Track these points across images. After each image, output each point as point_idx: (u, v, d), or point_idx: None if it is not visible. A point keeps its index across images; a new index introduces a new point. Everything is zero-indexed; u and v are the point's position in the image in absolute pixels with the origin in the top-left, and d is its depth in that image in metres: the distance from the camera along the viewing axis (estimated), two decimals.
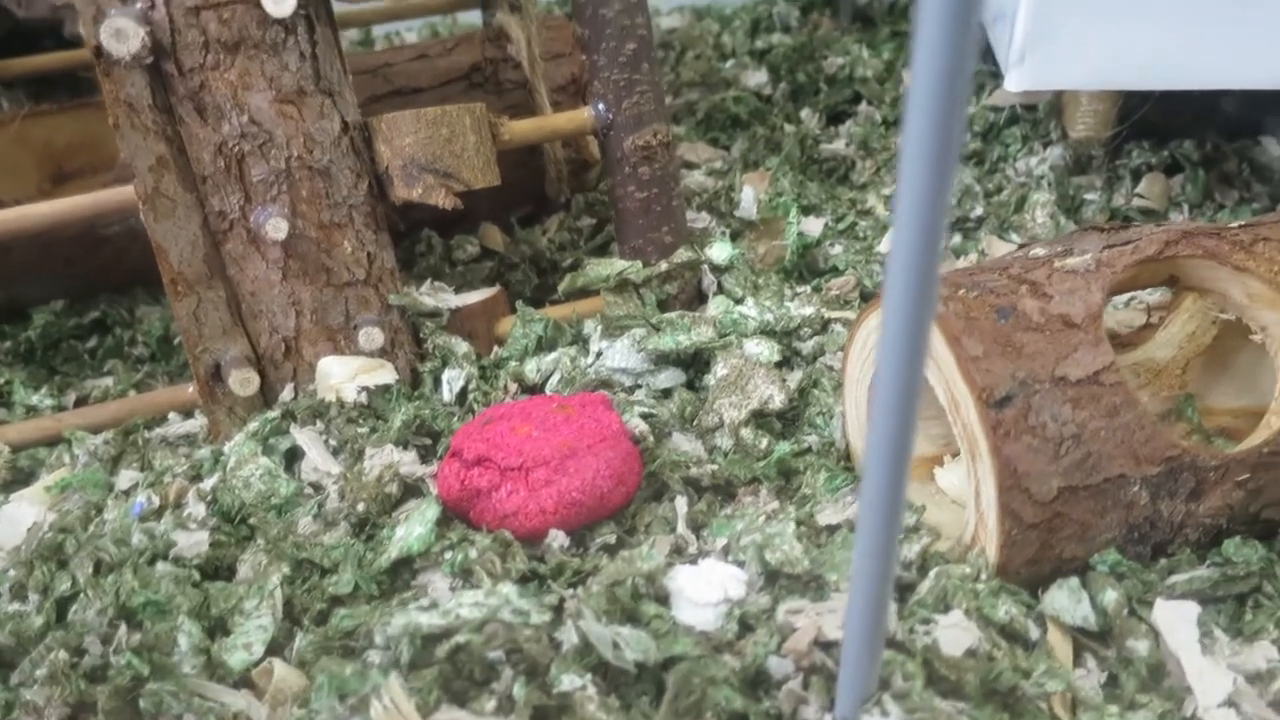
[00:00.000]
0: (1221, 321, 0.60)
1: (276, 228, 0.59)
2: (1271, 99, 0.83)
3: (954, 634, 0.41)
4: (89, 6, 0.56)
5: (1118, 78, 0.66)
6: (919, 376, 0.30)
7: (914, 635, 0.41)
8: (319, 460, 0.58)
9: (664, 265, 0.68)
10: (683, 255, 0.68)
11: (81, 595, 0.44)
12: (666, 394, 0.63)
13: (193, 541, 0.49)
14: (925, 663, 0.39)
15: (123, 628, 0.42)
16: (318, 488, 0.57)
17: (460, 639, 0.40)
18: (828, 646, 0.41)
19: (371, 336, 0.63)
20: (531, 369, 0.64)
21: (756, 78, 0.98)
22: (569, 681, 0.39)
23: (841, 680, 0.37)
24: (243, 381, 0.61)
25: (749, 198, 0.76)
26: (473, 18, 1.16)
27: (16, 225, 0.60)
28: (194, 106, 0.58)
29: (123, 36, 0.55)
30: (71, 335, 0.73)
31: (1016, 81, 0.67)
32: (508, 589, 0.42)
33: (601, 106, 0.67)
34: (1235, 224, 0.52)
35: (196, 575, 0.46)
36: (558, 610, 0.43)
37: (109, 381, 0.69)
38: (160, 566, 0.46)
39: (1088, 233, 0.53)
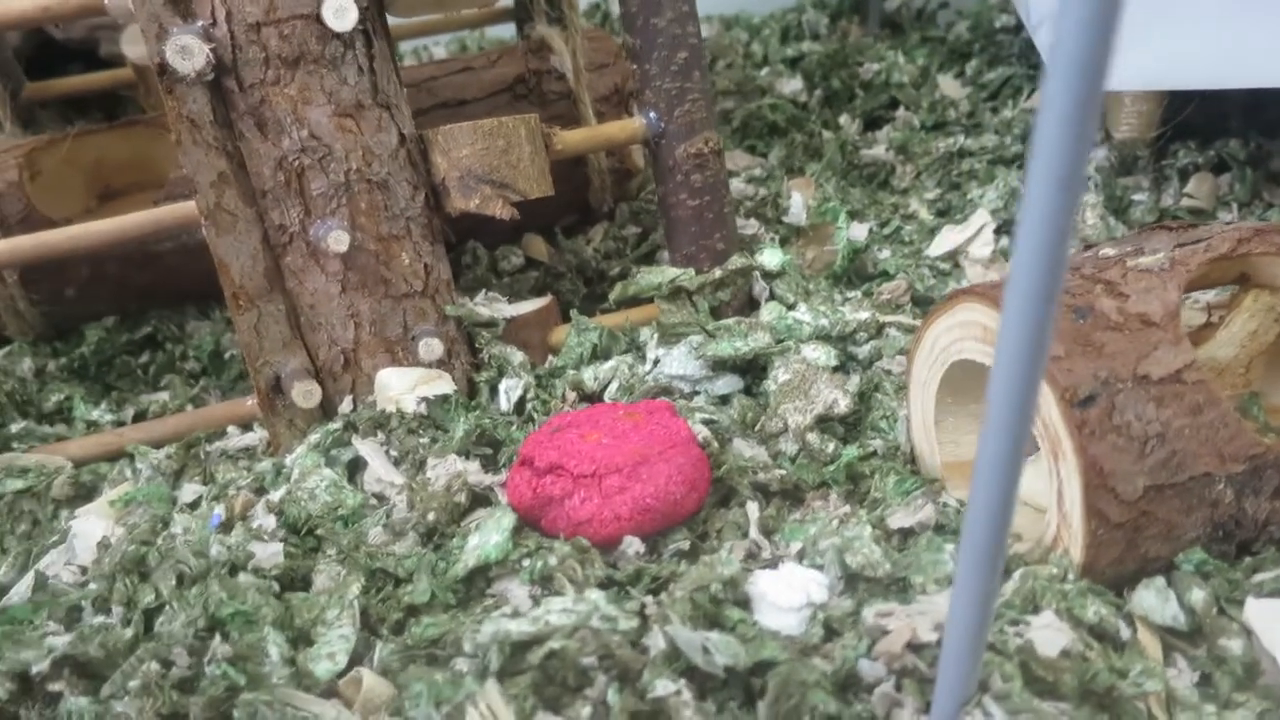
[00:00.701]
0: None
1: (338, 240, 0.59)
2: None
3: (1047, 635, 0.41)
4: (152, 24, 0.56)
5: (1165, 78, 0.66)
6: (1036, 385, 0.30)
7: (1006, 637, 0.41)
8: (382, 471, 0.58)
9: (718, 272, 0.68)
10: (737, 262, 0.68)
11: (167, 607, 0.44)
12: (725, 400, 0.63)
13: (269, 553, 0.49)
14: (1022, 664, 0.39)
15: (216, 638, 0.41)
16: (381, 498, 0.57)
17: (553, 645, 0.39)
18: (919, 649, 0.41)
19: (431, 347, 0.63)
20: (589, 377, 0.64)
21: (791, 85, 0.98)
22: (663, 687, 0.39)
23: (940, 682, 0.37)
24: (305, 394, 0.61)
25: (798, 204, 0.76)
26: (500, 31, 1.17)
27: (80, 242, 0.60)
28: (254, 122, 0.59)
29: (188, 53, 0.55)
30: (124, 351, 0.73)
31: None
32: (595, 595, 0.42)
33: (653, 115, 0.67)
34: None
35: (276, 586, 0.46)
36: (643, 619, 0.43)
37: (165, 396, 0.69)
38: (242, 578, 0.46)
39: (1156, 231, 0.53)
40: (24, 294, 0.70)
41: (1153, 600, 0.44)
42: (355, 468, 0.59)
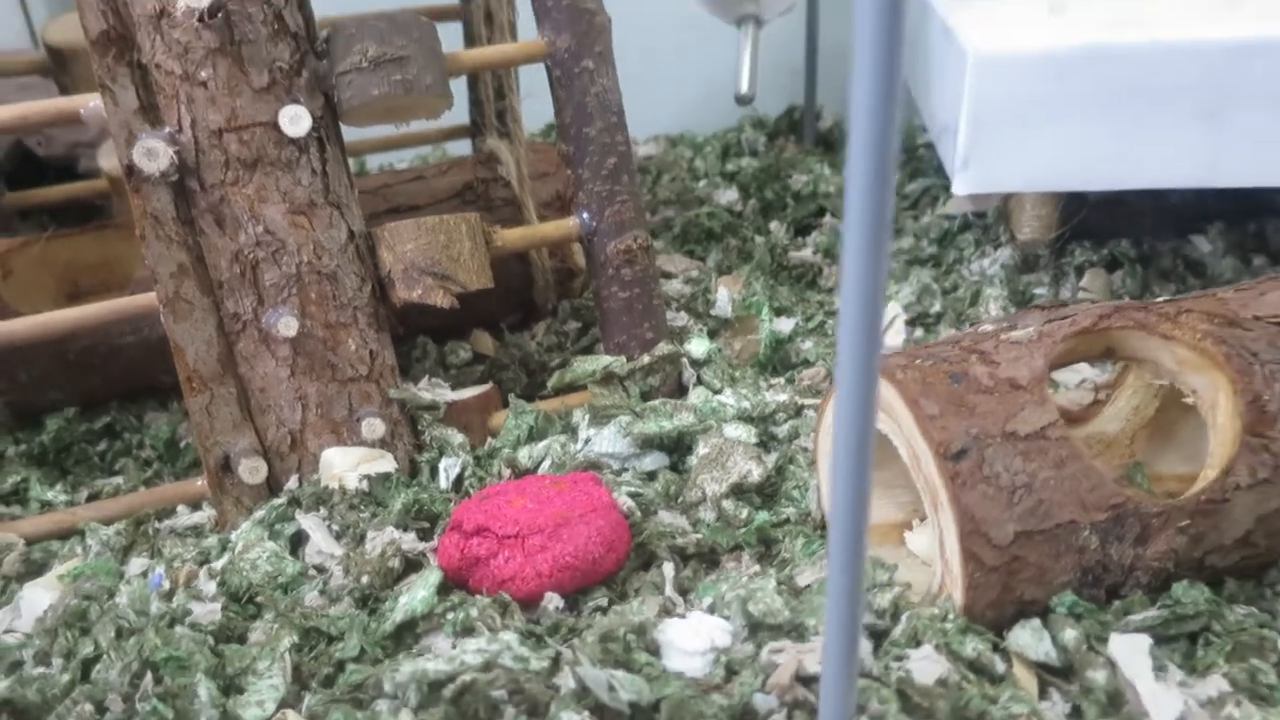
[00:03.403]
0: (1164, 394, 0.65)
1: (287, 325, 0.64)
2: (1197, 200, 0.91)
3: (925, 665, 0.44)
4: (122, 130, 0.62)
5: (1051, 180, 0.73)
6: (872, 417, 0.34)
7: (889, 670, 0.44)
8: (323, 543, 0.61)
9: (646, 358, 0.73)
10: (663, 349, 0.73)
11: (105, 657, 0.46)
12: (651, 476, 0.66)
13: (207, 610, 0.51)
14: (899, 692, 0.42)
15: (148, 678, 0.44)
16: (321, 569, 0.60)
17: (465, 678, 0.42)
18: (808, 682, 0.44)
19: (373, 426, 0.66)
20: (524, 455, 0.68)
21: (728, 195, 1.05)
22: (568, 718, 0.42)
23: (822, 707, 0.40)
24: (251, 470, 0.64)
25: (724, 298, 0.81)
26: (461, 147, 1.24)
27: (43, 330, 0.64)
28: (214, 218, 0.64)
29: (153, 155, 0.61)
30: (83, 440, 0.76)
31: (961, 186, 0.74)
32: (509, 636, 0.45)
33: (586, 215, 0.73)
34: (1160, 299, 0.58)
35: (212, 640, 0.49)
36: (555, 661, 0.46)
37: (119, 480, 0.72)
38: (179, 629, 0.48)
39: (1030, 311, 0.59)
40: None
41: (1028, 638, 0.48)
42: (298, 541, 0.62)
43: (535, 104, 0.85)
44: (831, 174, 1.06)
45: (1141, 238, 0.87)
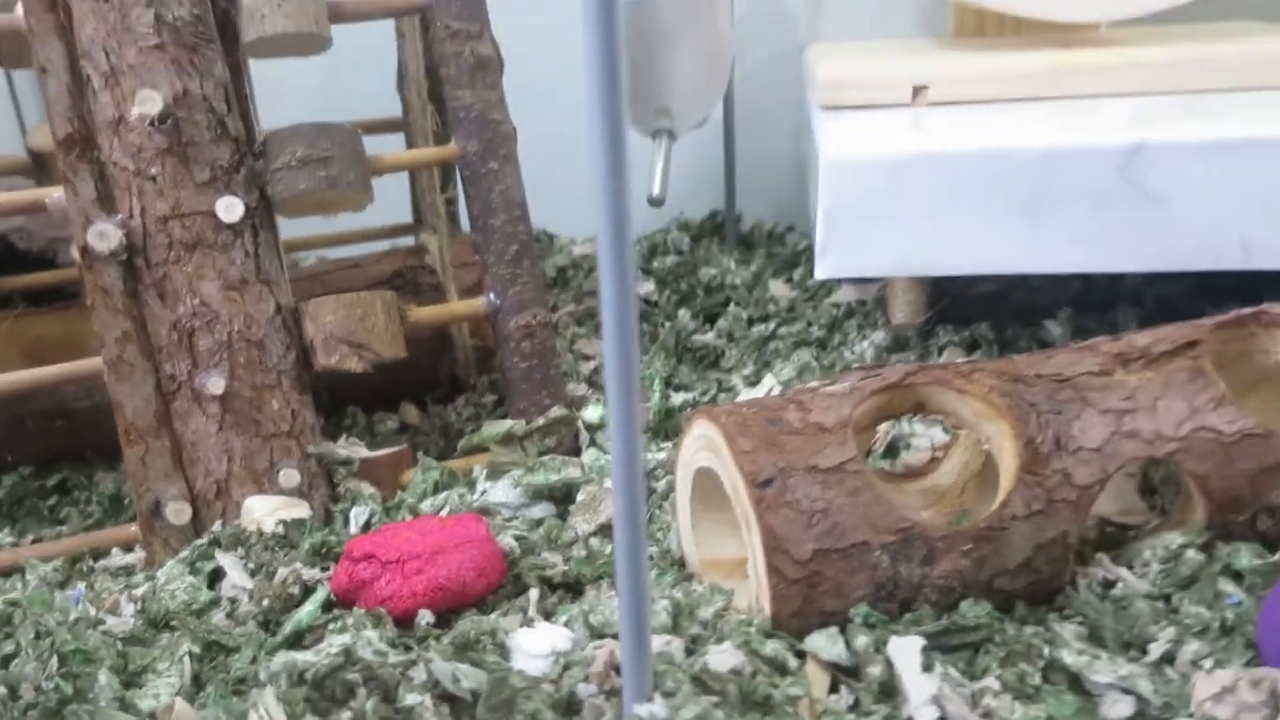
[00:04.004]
0: (988, 451, 0.74)
1: (215, 384, 0.73)
2: (1055, 289, 1.02)
3: (722, 657, 0.51)
4: (80, 216, 0.72)
5: (896, 266, 0.84)
6: (636, 432, 0.43)
7: (692, 662, 0.52)
8: (237, 578, 0.69)
9: (541, 420, 0.81)
10: (556, 412, 0.82)
11: (23, 653, 0.53)
12: (539, 523, 0.74)
13: (120, 622, 0.59)
14: (694, 677, 0.50)
15: (54, 661, 0.51)
16: (234, 601, 0.67)
17: (325, 663, 0.50)
18: (619, 671, 0.51)
19: (290, 476, 0.75)
20: (426, 505, 0.76)
21: (646, 287, 1.16)
22: (413, 699, 0.49)
23: (625, 686, 0.48)
24: (177, 512, 0.72)
25: None
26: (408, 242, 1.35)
27: (8, 386, 0.73)
28: (157, 292, 0.74)
29: (105, 237, 0.71)
30: (35, 495, 0.84)
31: (821, 271, 0.84)
32: (370, 633, 0.53)
33: (492, 295, 0.83)
34: (959, 361, 0.67)
35: (119, 644, 0.56)
36: (412, 660, 0.54)
37: (64, 529, 0.80)
38: (90, 632, 0.56)
39: (853, 372, 0.68)
40: None
41: (822, 641, 0.55)
42: (216, 577, 0.70)
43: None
44: (738, 268, 1.17)
45: (1003, 322, 0.97)
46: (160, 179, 0.73)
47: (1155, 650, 0.58)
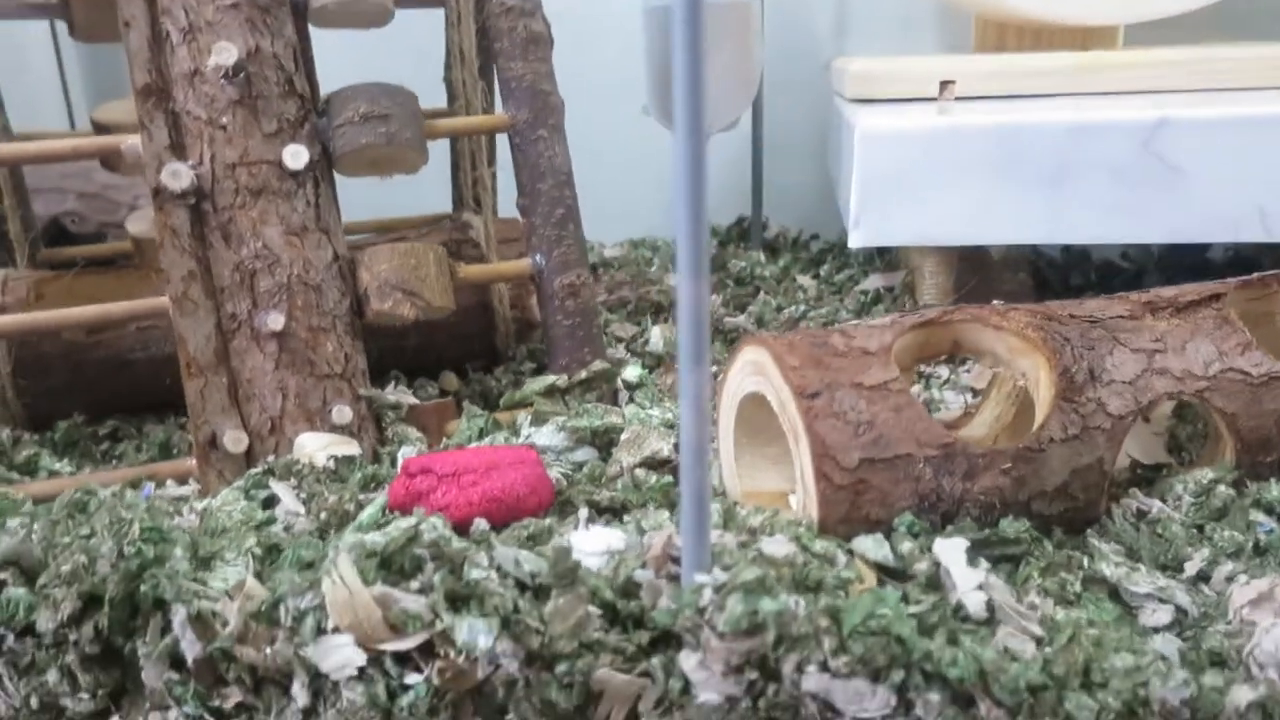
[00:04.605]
0: (1018, 404, 0.76)
1: (275, 320, 0.76)
2: (1079, 266, 1.05)
3: (776, 546, 0.53)
4: (154, 160, 0.76)
5: (926, 236, 0.87)
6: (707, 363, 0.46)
7: (745, 550, 0.54)
8: (291, 505, 0.71)
9: (584, 373, 0.84)
10: (599, 365, 0.84)
11: (98, 535, 0.55)
12: (582, 465, 0.76)
13: (186, 521, 0.61)
14: (751, 558, 0.52)
15: (135, 528, 0.53)
16: (290, 522, 0.69)
17: (393, 541, 0.52)
18: (677, 559, 0.53)
19: (342, 412, 0.77)
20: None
21: (676, 279, 1.19)
22: (478, 572, 0.51)
23: (684, 560, 0.50)
24: (235, 440, 0.74)
25: (657, 336, 0.94)
26: None
27: (66, 320, 0.76)
28: (221, 235, 0.77)
29: (177, 176, 0.75)
30: (89, 440, 0.86)
31: (855, 240, 0.87)
32: (436, 519, 0.55)
33: (538, 256, 0.86)
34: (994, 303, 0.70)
35: (189, 537, 0.58)
36: (473, 540, 0.55)
37: (120, 463, 0.82)
38: (164, 520, 0.58)
39: (889, 315, 0.71)
40: (12, 383, 0.85)
41: (870, 544, 0.57)
42: (270, 504, 0.72)
43: (505, 175, 1.00)
44: (766, 264, 1.20)
45: (1028, 300, 1.00)
46: (230, 128, 0.76)
47: (1190, 569, 0.60)
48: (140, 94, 0.76)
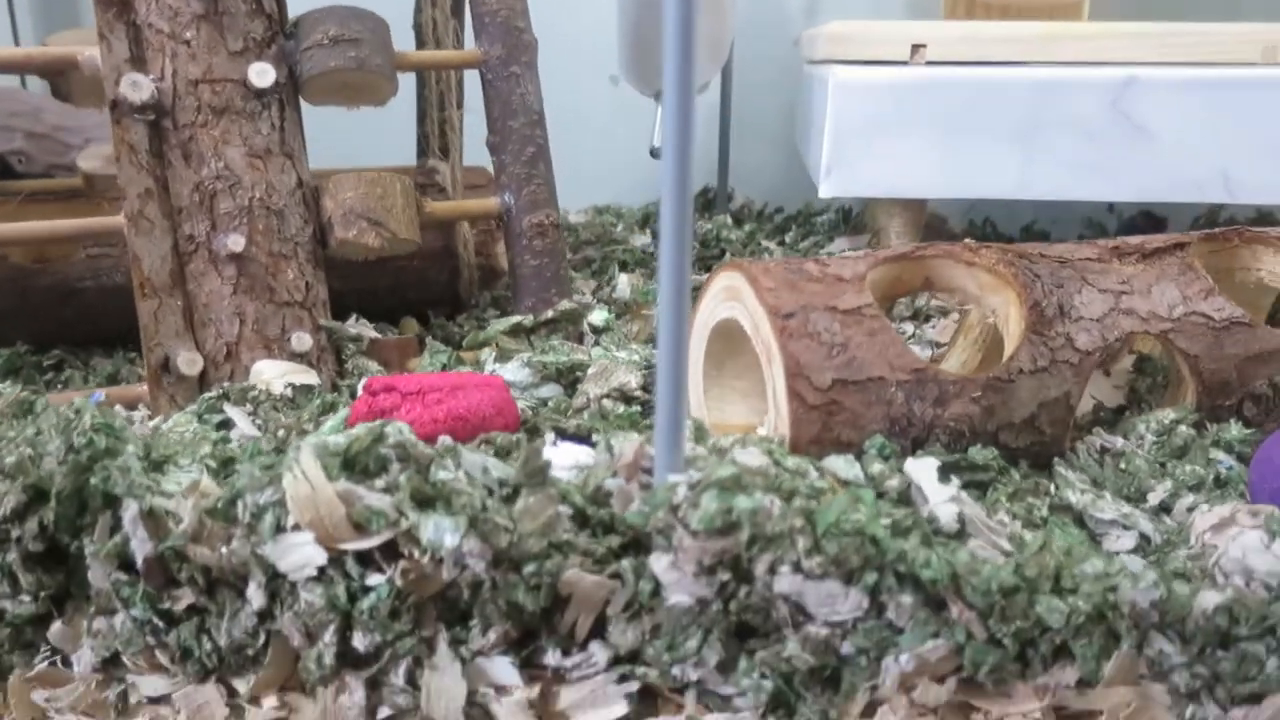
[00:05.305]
0: (984, 349, 0.76)
1: (235, 242, 0.73)
2: (1037, 239, 1.05)
3: (750, 455, 0.53)
4: (113, 72, 0.73)
5: (895, 188, 0.87)
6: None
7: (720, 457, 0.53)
8: (246, 429, 0.69)
9: (551, 312, 0.83)
10: (566, 305, 0.83)
11: (45, 434, 0.53)
12: (546, 402, 0.75)
13: (141, 429, 0.58)
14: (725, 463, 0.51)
15: (86, 420, 0.51)
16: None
17: (357, 443, 0.50)
18: (649, 470, 0.52)
19: (301, 339, 0.75)
20: None
21: (641, 240, 1.18)
22: (444, 473, 0.50)
23: (657, 452, 0.49)
24: (189, 362, 0.72)
25: (624, 284, 0.93)
26: None
27: (14, 236, 0.73)
28: (181, 153, 0.75)
29: (137, 87, 0.72)
30: (33, 369, 0.83)
31: (825, 190, 0.87)
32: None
33: (507, 195, 0.85)
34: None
35: (142, 441, 0.56)
36: (442, 454, 0.54)
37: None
38: (115, 420, 0.55)
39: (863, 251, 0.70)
40: None
41: (841, 464, 0.57)
42: (223, 428, 0.70)
43: (471, 120, 0.98)
44: (734, 226, 1.20)
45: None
46: (194, 43, 0.74)
47: (1153, 499, 0.60)
48: (100, 4, 0.74)
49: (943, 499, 0.52)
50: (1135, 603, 0.45)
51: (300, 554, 0.48)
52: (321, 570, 0.48)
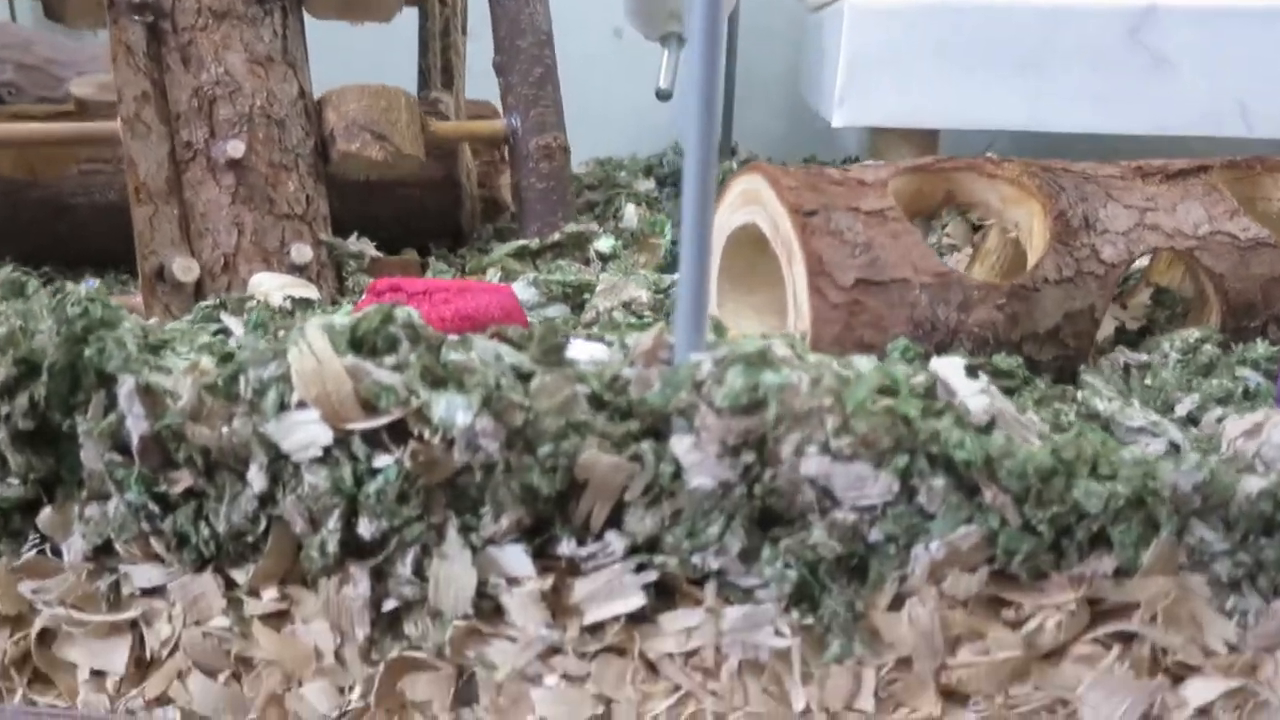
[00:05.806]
0: (1003, 274, 0.75)
1: (235, 148, 0.71)
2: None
3: (774, 346, 0.51)
4: None
5: (908, 119, 0.86)
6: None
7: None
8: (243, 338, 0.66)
9: (557, 235, 0.81)
10: (573, 227, 0.81)
11: (37, 313, 0.51)
12: (553, 321, 0.73)
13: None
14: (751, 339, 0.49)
15: (81, 289, 0.48)
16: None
17: (365, 323, 0.48)
18: (667, 360, 0.50)
19: (301, 251, 0.73)
20: None
21: (645, 185, 1.16)
22: (457, 354, 0.48)
23: (679, 335, 0.47)
24: (184, 269, 0.70)
25: (631, 213, 0.91)
26: None
27: (7, 136, 0.70)
28: (180, 57, 0.72)
29: None
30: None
31: (838, 119, 0.85)
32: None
33: (513, 117, 0.83)
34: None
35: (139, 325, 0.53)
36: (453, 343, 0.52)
37: None
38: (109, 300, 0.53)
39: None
40: None
41: (863, 364, 0.55)
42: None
43: (475, 46, 0.96)
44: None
45: None
46: None
47: (1180, 410, 0.59)
48: None
49: (972, 391, 0.50)
50: (1177, 485, 0.43)
51: (305, 433, 0.46)
52: (327, 451, 0.46)
